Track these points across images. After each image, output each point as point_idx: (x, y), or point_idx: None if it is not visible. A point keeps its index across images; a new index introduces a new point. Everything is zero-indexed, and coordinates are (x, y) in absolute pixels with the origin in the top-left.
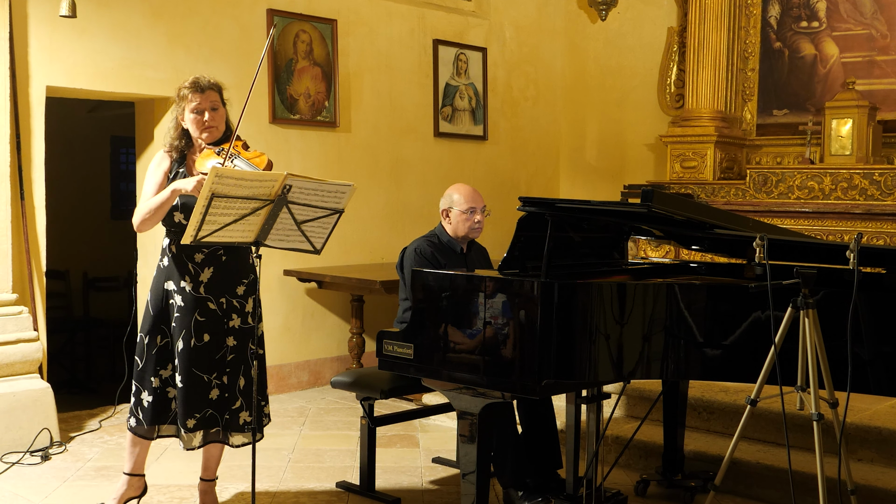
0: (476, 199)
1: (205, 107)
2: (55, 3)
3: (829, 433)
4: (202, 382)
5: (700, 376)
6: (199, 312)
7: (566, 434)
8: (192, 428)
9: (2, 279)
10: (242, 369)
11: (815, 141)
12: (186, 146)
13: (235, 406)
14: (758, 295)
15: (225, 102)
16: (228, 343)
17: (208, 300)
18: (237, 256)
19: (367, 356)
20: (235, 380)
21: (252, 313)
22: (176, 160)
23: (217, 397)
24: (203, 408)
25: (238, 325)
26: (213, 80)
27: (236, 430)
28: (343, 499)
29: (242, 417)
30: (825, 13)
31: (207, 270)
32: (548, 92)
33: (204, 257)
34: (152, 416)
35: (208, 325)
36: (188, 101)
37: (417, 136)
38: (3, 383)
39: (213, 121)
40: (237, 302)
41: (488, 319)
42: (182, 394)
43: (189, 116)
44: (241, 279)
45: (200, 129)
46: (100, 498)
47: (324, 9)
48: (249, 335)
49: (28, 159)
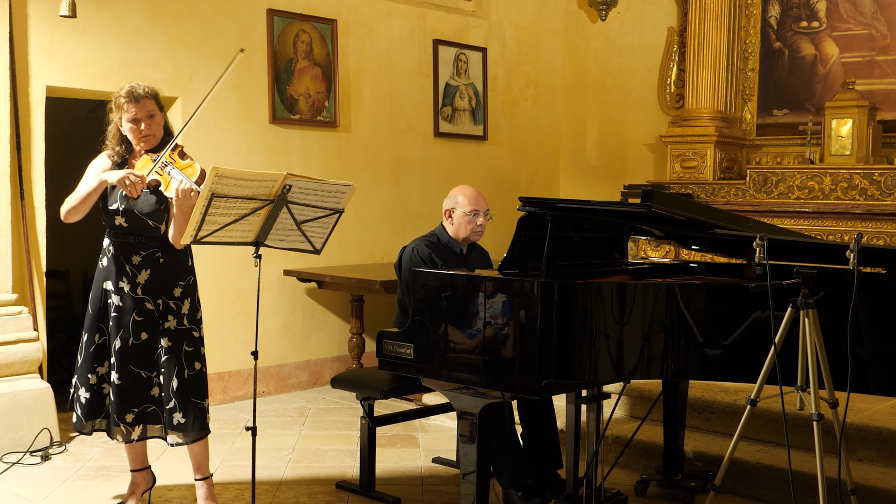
0: (480, 202)
1: (140, 116)
2: (55, 3)
3: (829, 433)
4: (140, 378)
5: (700, 376)
6: (136, 312)
7: (566, 434)
8: (131, 422)
9: (2, 279)
10: (176, 371)
11: (815, 141)
12: (127, 151)
13: (169, 406)
14: (758, 295)
15: (163, 108)
16: (163, 343)
17: (146, 301)
18: (174, 258)
19: (367, 356)
20: (169, 381)
21: (188, 315)
22: (117, 163)
23: (157, 395)
24: (143, 402)
25: (174, 327)
26: (148, 87)
27: (171, 428)
28: (343, 499)
29: (176, 418)
30: (825, 13)
31: (145, 272)
32: (548, 92)
33: (141, 259)
34: (88, 411)
35: (146, 324)
36: (124, 111)
37: (417, 136)
38: (3, 383)
39: (149, 129)
40: (174, 303)
41: (488, 319)
42: (118, 390)
43: (126, 126)
44: (177, 281)
45: (138, 138)
46: (100, 498)
47: (324, 9)
48: (185, 336)
49: (28, 159)
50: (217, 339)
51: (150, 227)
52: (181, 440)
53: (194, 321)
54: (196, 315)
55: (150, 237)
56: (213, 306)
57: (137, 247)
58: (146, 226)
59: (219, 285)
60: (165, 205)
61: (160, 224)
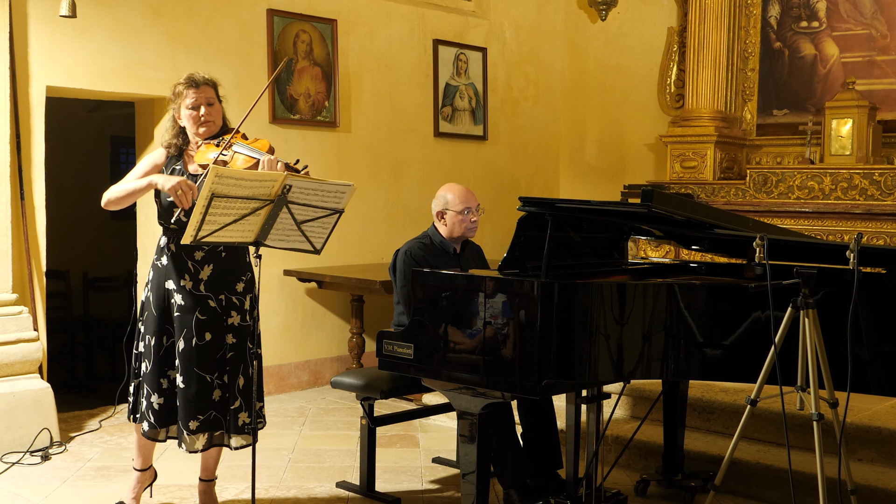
0: (470, 199)
1: (201, 102)
2: (55, 3)
3: (829, 433)
4: (205, 383)
5: (700, 376)
6: (199, 311)
7: (566, 434)
8: (195, 430)
9: (2, 279)
10: (242, 368)
11: (815, 141)
12: (184, 143)
13: (235, 406)
14: (758, 295)
15: (221, 99)
16: (228, 341)
17: (208, 298)
18: (236, 253)
19: (367, 356)
20: (235, 379)
21: (250, 311)
22: (173, 156)
23: (219, 398)
24: (207, 409)
25: (237, 323)
26: (208, 76)
27: (235, 431)
28: (343, 499)
29: (241, 418)
30: (825, 13)
31: (207, 268)
32: (548, 92)
33: (204, 255)
34: (163, 417)
35: (209, 323)
36: (184, 98)
37: (417, 135)
38: (3, 383)
39: (209, 115)
40: (236, 299)
41: (488, 319)
42: (185, 395)
43: (185, 112)
44: (239, 276)
45: (197, 125)
46: (100, 498)
47: (324, 9)
48: (248, 333)
49: (28, 159)
50: None
51: None
52: (245, 443)
53: (254, 317)
54: (255, 311)
55: None
56: None
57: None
58: None
59: None
60: None
61: None
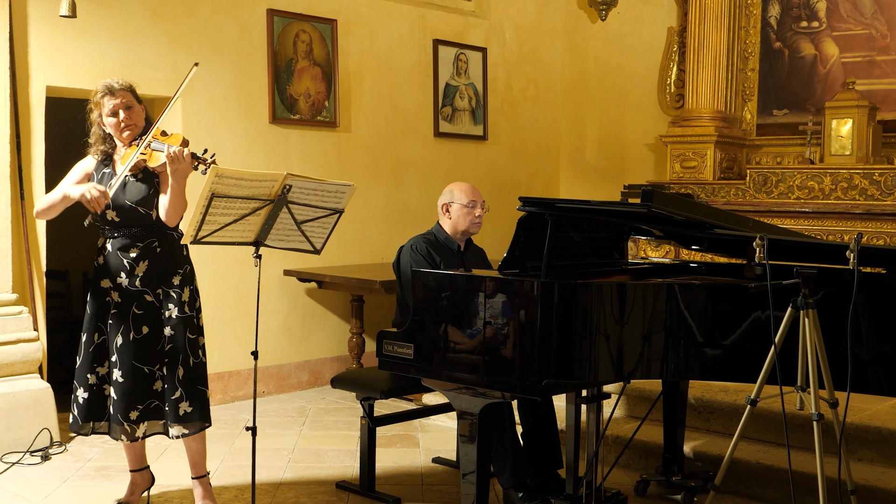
0: (476, 194)
1: (119, 107)
2: (55, 3)
3: (829, 433)
4: (144, 374)
5: (700, 376)
6: (136, 306)
7: (566, 434)
8: (136, 420)
9: (2, 279)
10: (181, 359)
11: (815, 141)
12: (110, 148)
13: (175, 396)
14: (758, 295)
15: (140, 100)
16: (166, 333)
17: (145, 293)
18: (171, 247)
19: (367, 356)
20: (174, 370)
21: (189, 303)
22: (102, 161)
23: (161, 389)
24: (147, 399)
25: (175, 315)
26: (123, 81)
27: (175, 420)
28: (343, 499)
29: (182, 408)
30: (825, 13)
31: (143, 264)
32: (548, 92)
33: (139, 251)
34: (87, 412)
35: (146, 317)
36: (103, 107)
37: (417, 135)
38: (3, 383)
39: (129, 119)
40: (173, 292)
41: (488, 319)
42: (124, 387)
43: (107, 120)
44: (176, 269)
45: (119, 130)
46: (100, 498)
47: (324, 9)
48: (187, 324)
49: (28, 159)
50: (217, 339)
51: (142, 215)
52: (186, 431)
53: (194, 308)
54: (195, 303)
55: (145, 227)
56: (213, 306)
57: (134, 239)
58: (138, 214)
59: (219, 285)
60: (154, 190)
61: (151, 210)
